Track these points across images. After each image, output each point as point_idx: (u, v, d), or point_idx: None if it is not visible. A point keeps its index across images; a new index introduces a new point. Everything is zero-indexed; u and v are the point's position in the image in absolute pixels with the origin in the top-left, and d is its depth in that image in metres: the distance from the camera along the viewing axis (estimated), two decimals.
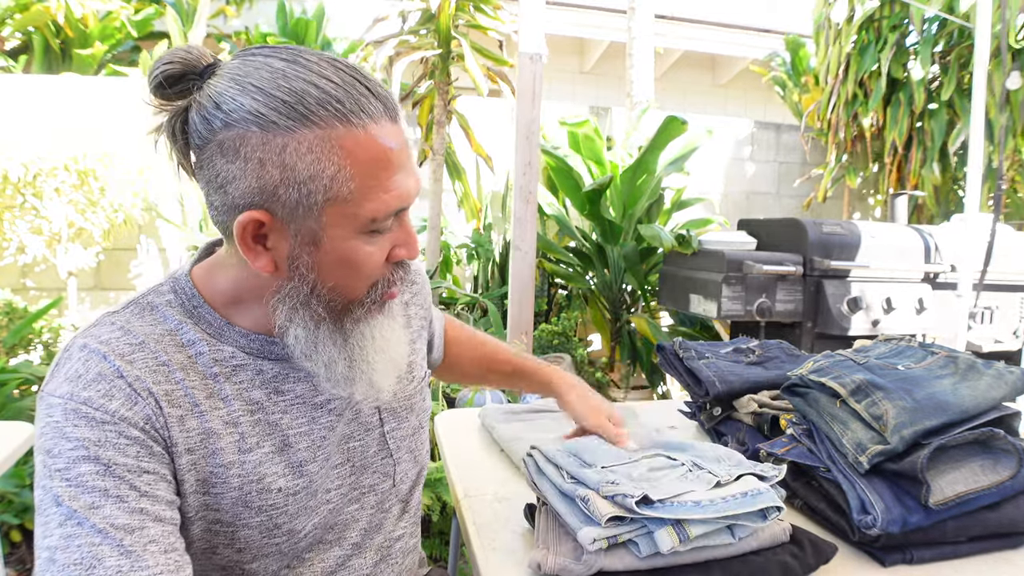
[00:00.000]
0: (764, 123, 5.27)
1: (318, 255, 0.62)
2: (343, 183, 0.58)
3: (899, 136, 4.38)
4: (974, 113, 2.68)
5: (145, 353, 0.62)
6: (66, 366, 0.61)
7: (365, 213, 0.60)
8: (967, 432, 0.81)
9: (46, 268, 3.67)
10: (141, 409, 0.59)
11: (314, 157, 0.57)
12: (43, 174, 3.27)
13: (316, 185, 0.58)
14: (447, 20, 3.41)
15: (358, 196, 0.59)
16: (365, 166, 0.59)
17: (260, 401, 0.67)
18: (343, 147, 0.58)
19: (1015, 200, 4.58)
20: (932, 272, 2.80)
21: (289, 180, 0.58)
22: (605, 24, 6.79)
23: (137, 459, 0.58)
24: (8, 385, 2.47)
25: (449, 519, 2.00)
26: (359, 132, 0.58)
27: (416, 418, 0.84)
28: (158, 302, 0.67)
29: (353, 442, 0.76)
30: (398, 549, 0.83)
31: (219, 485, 0.64)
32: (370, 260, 0.63)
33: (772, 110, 7.01)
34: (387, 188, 0.60)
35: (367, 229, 0.62)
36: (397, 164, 0.61)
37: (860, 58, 4.43)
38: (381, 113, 0.60)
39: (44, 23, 4.25)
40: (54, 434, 0.57)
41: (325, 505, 0.73)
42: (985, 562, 0.79)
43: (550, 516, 0.77)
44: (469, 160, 4.01)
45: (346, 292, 0.65)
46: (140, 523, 0.56)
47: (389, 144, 0.60)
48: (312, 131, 0.57)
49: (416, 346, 0.88)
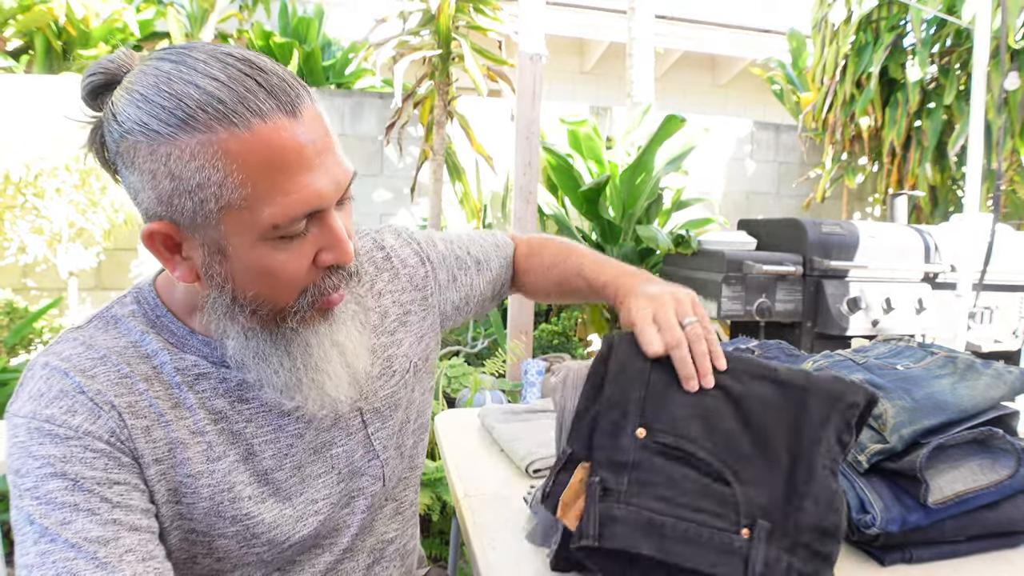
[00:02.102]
0: (764, 123, 5.27)
1: (228, 264, 0.59)
2: (233, 190, 0.54)
3: (897, 136, 4.38)
4: (973, 113, 2.69)
5: (107, 367, 0.61)
6: (29, 385, 0.60)
7: (265, 220, 0.56)
8: (966, 431, 0.81)
9: (47, 268, 3.68)
10: (104, 423, 0.58)
11: (198, 164, 0.54)
12: (44, 174, 3.28)
13: (206, 193, 0.55)
14: (447, 21, 3.41)
15: (253, 202, 0.55)
16: (256, 170, 0.54)
17: (223, 410, 0.66)
18: (227, 151, 0.54)
19: (1014, 200, 4.58)
20: (932, 272, 2.80)
21: (180, 190, 0.55)
22: (605, 24, 6.80)
23: (105, 471, 0.57)
24: (8, 385, 2.47)
25: (449, 519, 2.01)
26: (244, 134, 0.53)
27: (403, 413, 0.81)
28: (121, 314, 0.66)
29: (336, 448, 0.74)
30: (392, 551, 0.82)
31: (189, 495, 0.63)
32: (287, 268, 0.59)
33: (772, 110, 7.02)
34: (287, 191, 0.55)
35: (272, 236, 0.57)
36: (298, 164, 0.56)
37: (858, 59, 4.44)
38: (273, 110, 0.54)
39: (46, 23, 4.25)
40: (20, 454, 0.57)
41: (314, 516, 0.71)
42: (984, 561, 0.80)
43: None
44: (469, 160, 4.01)
45: (270, 300, 0.61)
46: (114, 534, 0.56)
47: (283, 144, 0.55)
48: (193, 136, 0.53)
49: (397, 337, 0.82)
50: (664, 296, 0.73)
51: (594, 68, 7.65)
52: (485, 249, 0.96)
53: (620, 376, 0.70)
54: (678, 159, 3.44)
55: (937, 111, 4.31)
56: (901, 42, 4.41)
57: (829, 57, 4.54)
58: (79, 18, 4.28)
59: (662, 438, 0.66)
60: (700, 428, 0.66)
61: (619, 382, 0.69)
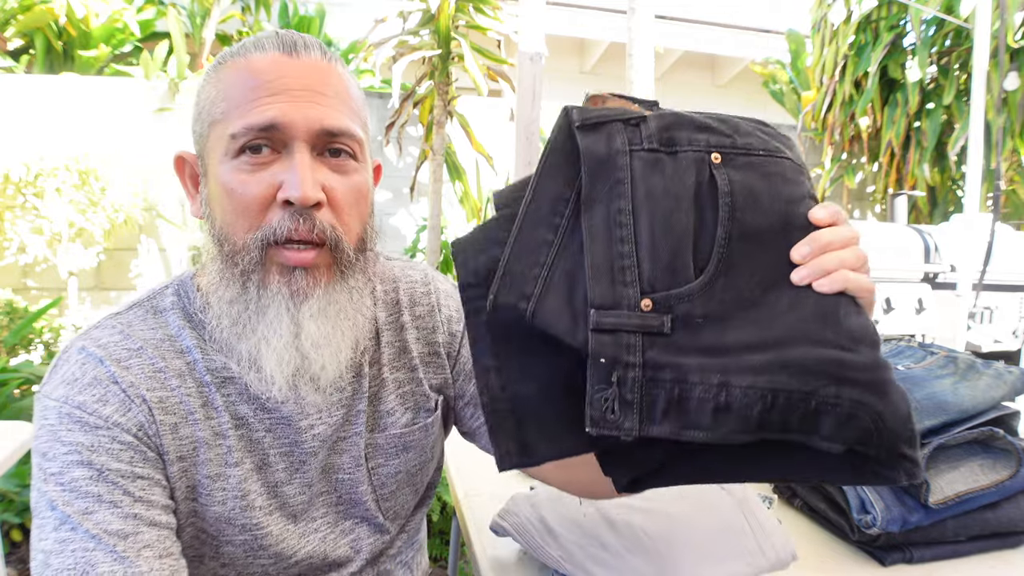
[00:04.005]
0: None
1: (208, 186, 0.63)
2: (216, 104, 0.62)
3: (896, 136, 4.39)
4: (974, 113, 2.69)
5: (142, 359, 0.62)
6: (63, 368, 0.61)
7: (228, 130, 0.60)
8: (966, 432, 0.81)
9: (47, 268, 3.67)
10: (134, 415, 0.59)
11: (208, 90, 0.63)
12: (44, 174, 3.28)
13: (204, 113, 0.63)
14: (447, 21, 3.41)
15: (228, 115, 0.61)
16: (234, 88, 0.61)
17: (246, 416, 0.65)
18: (223, 75, 0.62)
19: (1014, 200, 4.58)
20: (932, 272, 2.80)
21: (197, 115, 0.64)
22: (605, 24, 6.79)
23: (131, 464, 0.58)
24: (8, 385, 2.47)
25: (449, 519, 2.01)
26: (240, 60, 0.62)
27: (417, 456, 0.75)
28: (162, 305, 0.67)
29: (341, 474, 0.71)
30: (400, 568, 0.80)
31: (204, 496, 0.63)
32: (245, 189, 0.59)
33: (772, 110, 7.02)
34: (252, 106, 0.59)
35: (235, 150, 0.60)
36: (270, 87, 0.60)
37: (857, 59, 4.44)
38: (272, 47, 0.62)
39: (46, 23, 4.25)
40: (49, 437, 0.57)
41: (314, 534, 0.70)
42: (984, 561, 0.80)
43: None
44: (469, 160, 4.01)
45: (230, 232, 0.61)
46: (134, 528, 0.56)
47: (264, 67, 0.61)
48: (215, 71, 0.64)
49: (417, 375, 0.75)
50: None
51: (594, 68, 7.64)
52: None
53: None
54: None
55: (936, 111, 4.32)
56: (900, 42, 4.42)
57: (828, 57, 4.55)
58: (79, 18, 4.28)
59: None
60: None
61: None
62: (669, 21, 6.67)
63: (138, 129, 3.84)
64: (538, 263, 0.49)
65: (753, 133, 0.52)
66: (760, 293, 0.48)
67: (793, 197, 0.50)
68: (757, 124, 0.54)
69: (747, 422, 0.44)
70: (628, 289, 0.47)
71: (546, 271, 0.49)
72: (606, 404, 0.46)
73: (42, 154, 3.30)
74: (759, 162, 0.51)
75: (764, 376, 0.45)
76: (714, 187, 0.49)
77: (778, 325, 0.47)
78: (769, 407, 0.44)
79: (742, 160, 0.50)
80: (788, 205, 0.50)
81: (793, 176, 0.51)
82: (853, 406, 0.44)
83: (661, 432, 0.45)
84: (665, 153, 0.50)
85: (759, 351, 0.46)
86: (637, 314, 0.47)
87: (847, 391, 0.44)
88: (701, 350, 0.46)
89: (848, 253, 0.49)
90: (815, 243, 0.49)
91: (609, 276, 0.47)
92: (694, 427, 0.45)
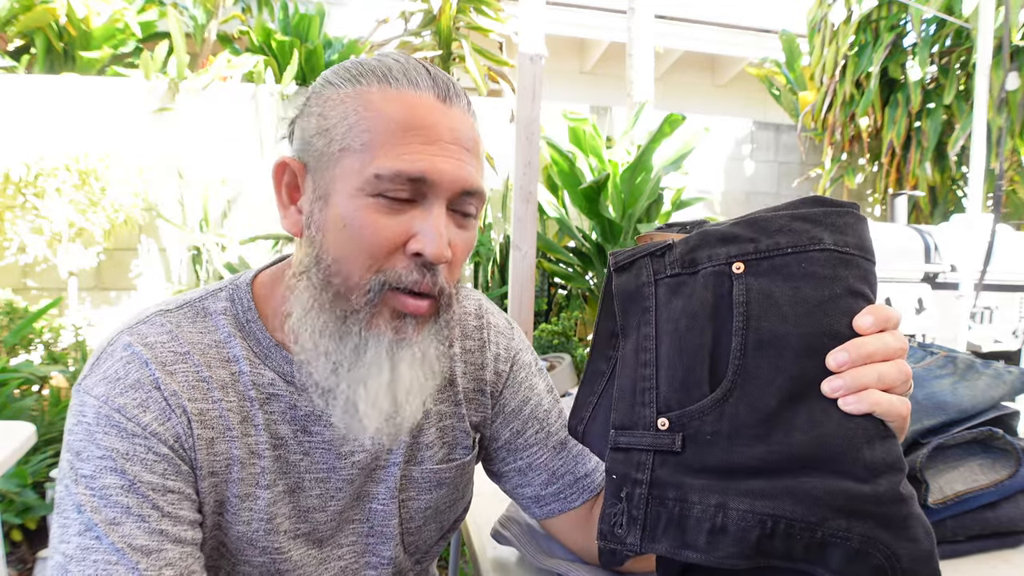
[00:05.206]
0: (763, 123, 5.28)
1: (327, 212, 0.59)
2: (359, 133, 0.57)
3: (897, 136, 4.39)
4: (976, 113, 2.69)
5: (187, 365, 0.60)
6: (106, 364, 0.59)
7: (372, 167, 0.56)
8: (966, 432, 0.81)
9: (47, 268, 3.68)
10: (173, 426, 0.58)
11: (344, 107, 0.59)
12: (44, 174, 3.28)
13: (336, 133, 0.58)
14: (448, 22, 3.42)
15: (370, 147, 0.57)
16: (384, 120, 0.57)
17: (285, 437, 0.64)
18: (371, 100, 0.58)
19: (1014, 200, 4.58)
20: (932, 272, 2.80)
21: (320, 129, 0.60)
22: (605, 24, 6.80)
23: (163, 477, 0.57)
24: (8, 385, 2.47)
25: None
26: (391, 91, 0.58)
27: (449, 495, 0.74)
28: (213, 308, 0.65)
29: (375, 504, 0.70)
30: None
31: (230, 513, 0.62)
32: (375, 230, 0.57)
33: (772, 110, 7.02)
34: (404, 149, 0.57)
35: (373, 189, 0.56)
36: (425, 134, 0.57)
37: (857, 59, 4.44)
38: (428, 88, 0.59)
39: (47, 23, 4.26)
40: (84, 436, 0.56)
41: (336, 562, 0.69)
42: (984, 561, 0.80)
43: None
44: None
45: (345, 268, 0.58)
46: (159, 545, 0.55)
47: (421, 112, 0.58)
48: (354, 87, 0.59)
49: (461, 410, 0.74)
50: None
51: (594, 68, 7.65)
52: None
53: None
54: (678, 159, 3.45)
55: (937, 111, 4.32)
56: (901, 42, 4.42)
57: (829, 57, 4.55)
58: (80, 18, 4.28)
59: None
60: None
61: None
62: (669, 21, 6.67)
63: (138, 129, 3.85)
64: (593, 391, 0.57)
65: (784, 229, 0.48)
66: (776, 405, 0.45)
67: (824, 298, 0.46)
68: (795, 214, 0.49)
69: (744, 546, 0.44)
70: (646, 409, 0.50)
71: (596, 398, 0.57)
72: (615, 519, 0.49)
73: (42, 154, 3.30)
74: (783, 263, 0.48)
75: (765, 501, 0.44)
76: (732, 298, 0.48)
77: (791, 445, 0.45)
78: (769, 533, 0.44)
79: (766, 265, 0.48)
80: (817, 307, 0.46)
81: (828, 271, 0.47)
82: (864, 542, 0.43)
83: (660, 550, 0.47)
84: (688, 274, 0.51)
85: (764, 473, 0.45)
86: (651, 433, 0.49)
87: (857, 525, 0.43)
88: (707, 469, 0.47)
89: (891, 368, 0.44)
90: (856, 351, 0.44)
91: (631, 398, 0.51)
92: (690, 547, 0.46)
